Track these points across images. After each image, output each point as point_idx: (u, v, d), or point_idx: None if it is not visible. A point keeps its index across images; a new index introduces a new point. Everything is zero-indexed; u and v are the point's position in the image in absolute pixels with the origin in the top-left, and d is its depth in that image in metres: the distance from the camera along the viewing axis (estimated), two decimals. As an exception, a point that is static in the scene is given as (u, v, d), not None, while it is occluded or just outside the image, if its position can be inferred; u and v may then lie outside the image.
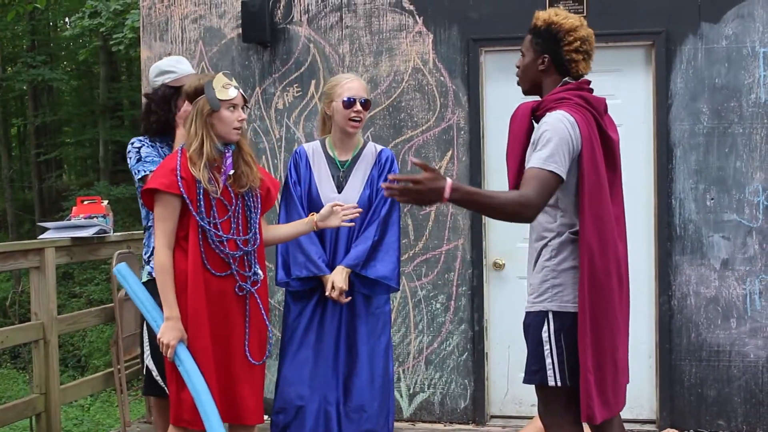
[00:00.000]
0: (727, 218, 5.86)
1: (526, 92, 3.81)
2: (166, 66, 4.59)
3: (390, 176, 3.23)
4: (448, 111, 6.21)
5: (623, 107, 6.04)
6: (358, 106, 4.49)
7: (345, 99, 4.49)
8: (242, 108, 3.96)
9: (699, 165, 5.89)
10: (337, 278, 4.40)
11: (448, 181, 3.19)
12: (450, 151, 6.18)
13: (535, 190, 3.32)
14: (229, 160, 3.92)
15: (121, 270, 4.13)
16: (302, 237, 4.42)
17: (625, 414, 5.96)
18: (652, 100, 5.99)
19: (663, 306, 5.94)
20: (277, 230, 4.32)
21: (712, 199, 5.87)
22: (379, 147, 4.71)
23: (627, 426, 5.79)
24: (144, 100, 4.60)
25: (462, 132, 6.18)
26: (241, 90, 3.97)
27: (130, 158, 4.50)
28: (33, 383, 5.60)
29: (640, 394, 6.09)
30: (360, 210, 4.31)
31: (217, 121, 3.88)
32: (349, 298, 4.45)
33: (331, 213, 4.20)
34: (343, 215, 4.21)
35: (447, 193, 3.17)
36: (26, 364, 14.72)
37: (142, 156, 4.46)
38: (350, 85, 4.54)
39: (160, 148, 4.52)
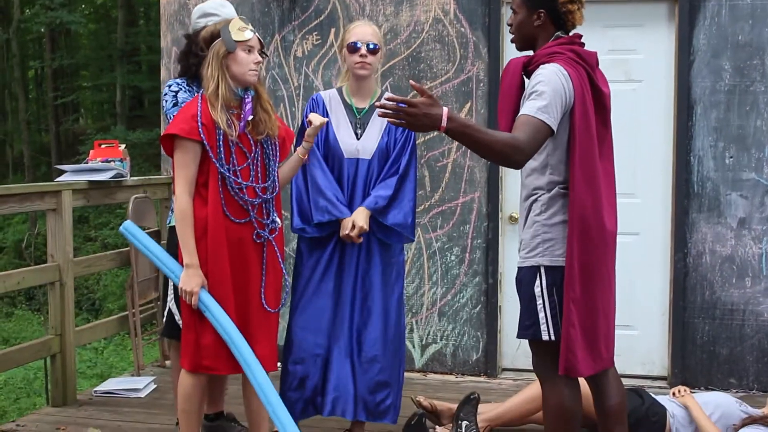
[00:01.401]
0: (746, 177, 5.82)
1: (520, 49, 3.79)
2: (210, 8, 4.54)
3: (386, 95, 3.17)
4: (468, 62, 6.16)
5: (644, 62, 6.00)
6: (364, 50, 4.44)
7: (350, 43, 4.47)
8: (259, 53, 3.96)
9: (719, 122, 5.84)
10: (359, 218, 4.38)
11: (445, 109, 3.16)
12: (469, 103, 6.15)
13: (526, 135, 3.30)
14: (249, 105, 3.92)
15: (129, 227, 4.08)
16: (321, 180, 4.41)
17: (636, 370, 6.04)
18: (674, 56, 5.92)
19: (678, 263, 5.93)
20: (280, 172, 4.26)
21: (731, 157, 5.83)
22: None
23: (638, 382, 5.83)
24: (184, 40, 4.53)
25: (481, 84, 6.14)
26: (257, 34, 3.97)
27: (166, 101, 4.46)
28: (48, 325, 5.63)
29: (652, 351, 6.11)
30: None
31: (233, 62, 3.88)
32: (361, 239, 4.45)
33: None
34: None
35: (444, 122, 3.14)
36: (41, 305, 14.84)
37: (179, 101, 4.41)
38: (357, 30, 4.51)
39: (197, 92, 4.44)
